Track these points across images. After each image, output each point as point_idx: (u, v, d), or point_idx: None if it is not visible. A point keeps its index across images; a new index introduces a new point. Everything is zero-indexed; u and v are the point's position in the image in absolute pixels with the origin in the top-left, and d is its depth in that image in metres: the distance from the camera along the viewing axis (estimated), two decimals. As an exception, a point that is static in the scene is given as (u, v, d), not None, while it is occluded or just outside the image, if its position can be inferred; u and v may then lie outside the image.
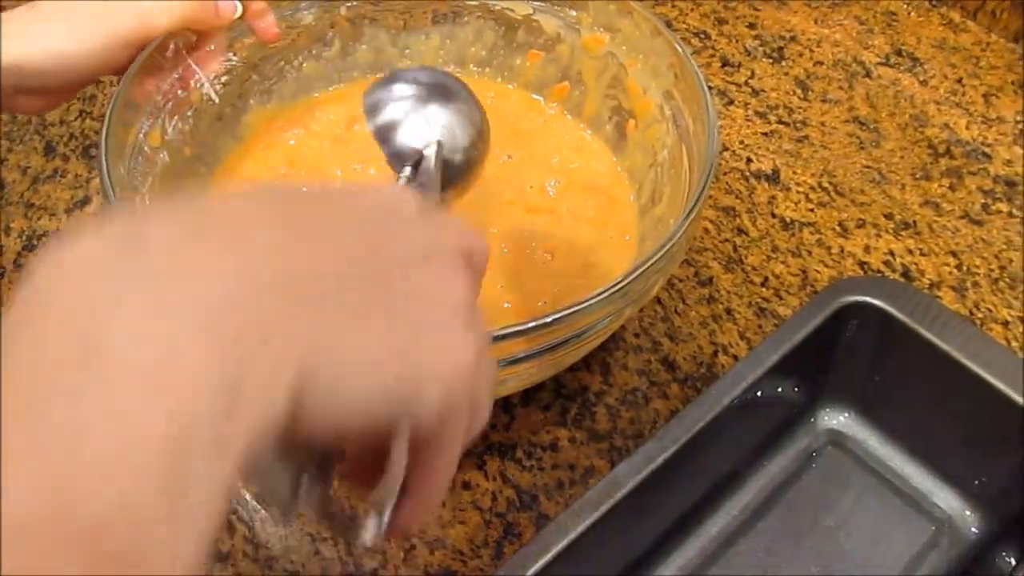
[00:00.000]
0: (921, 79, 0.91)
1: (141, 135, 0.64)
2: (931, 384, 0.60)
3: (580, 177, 0.71)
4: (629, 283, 0.51)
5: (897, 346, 0.61)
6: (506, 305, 0.63)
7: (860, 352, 0.62)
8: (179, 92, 0.67)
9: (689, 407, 0.55)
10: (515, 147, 0.72)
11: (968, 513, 0.61)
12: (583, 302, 0.50)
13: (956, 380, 0.58)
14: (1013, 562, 0.56)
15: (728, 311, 0.70)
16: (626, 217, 0.68)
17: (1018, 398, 0.57)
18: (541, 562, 0.49)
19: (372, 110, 0.49)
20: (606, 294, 0.50)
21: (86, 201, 0.80)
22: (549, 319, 0.49)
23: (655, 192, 0.66)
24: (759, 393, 0.58)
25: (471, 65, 0.77)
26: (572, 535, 0.49)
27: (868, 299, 0.60)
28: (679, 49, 0.64)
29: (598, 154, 0.72)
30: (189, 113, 0.68)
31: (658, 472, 0.53)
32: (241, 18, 0.68)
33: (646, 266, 0.51)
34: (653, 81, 0.67)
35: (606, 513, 0.50)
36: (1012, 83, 0.91)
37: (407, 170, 0.47)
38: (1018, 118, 0.88)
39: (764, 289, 0.71)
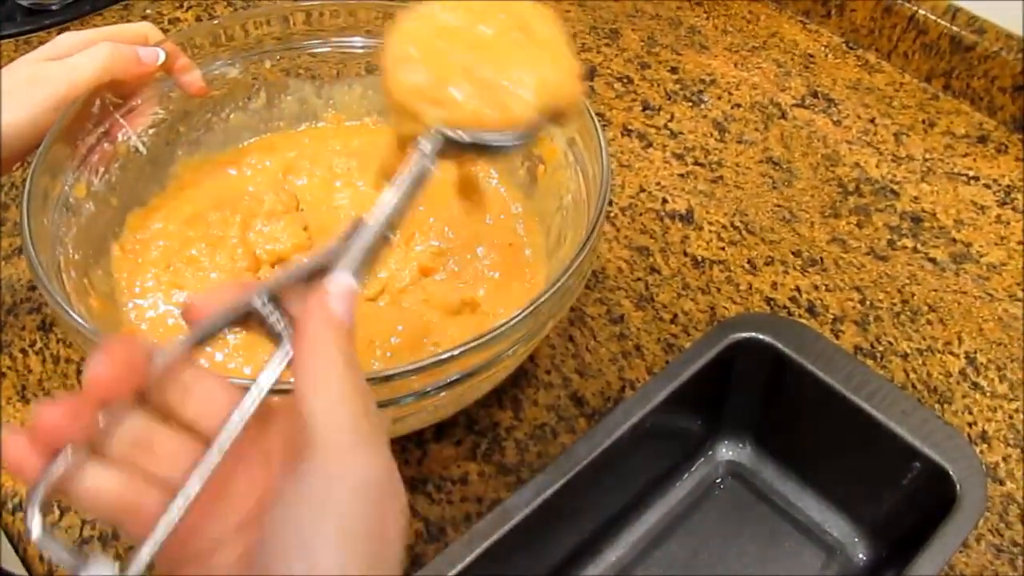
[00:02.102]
0: (835, 119, 0.95)
1: (66, 187, 0.67)
2: (819, 417, 0.63)
3: (493, 231, 0.74)
4: (517, 323, 0.53)
5: (787, 380, 0.64)
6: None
7: (753, 386, 0.65)
8: (105, 145, 0.70)
9: (579, 441, 0.57)
10: (435, 205, 0.75)
11: (857, 540, 0.64)
12: (473, 341, 0.52)
13: (842, 413, 0.62)
14: (892, 583, 0.59)
15: (637, 347, 0.73)
16: (536, 260, 0.72)
17: (898, 429, 0.60)
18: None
19: None
20: (496, 333, 0.53)
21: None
22: (442, 356, 0.52)
23: (560, 235, 0.69)
24: (653, 425, 0.61)
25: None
26: (461, 565, 0.52)
27: (757, 335, 0.63)
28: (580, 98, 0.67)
29: (509, 207, 0.75)
30: (116, 165, 0.71)
31: (549, 503, 0.55)
32: (168, 73, 0.72)
33: (531, 308, 0.54)
34: (558, 129, 0.71)
35: (496, 543, 0.53)
36: (922, 122, 0.95)
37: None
38: (927, 156, 0.92)
39: (673, 326, 0.74)
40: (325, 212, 0.75)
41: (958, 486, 0.56)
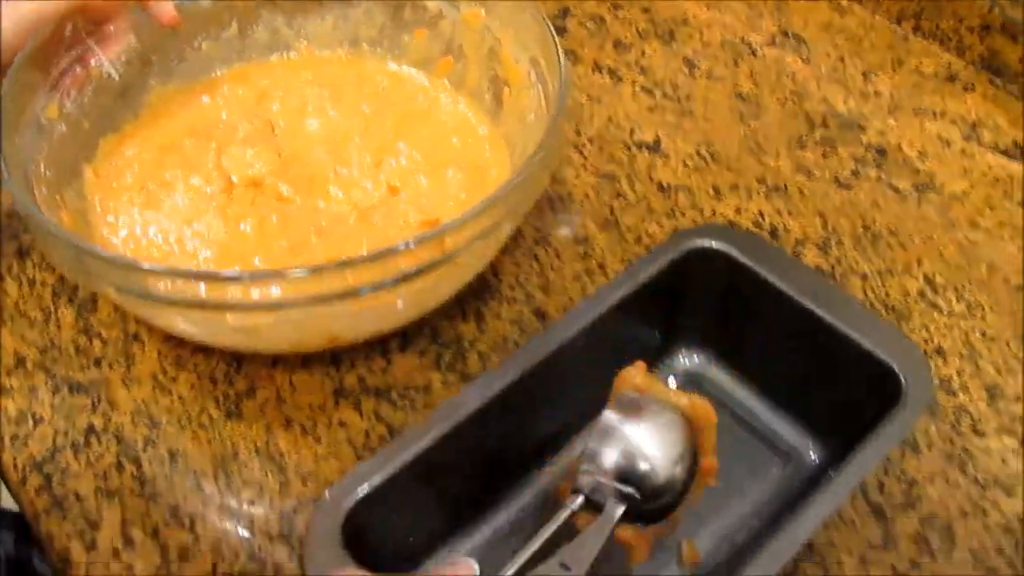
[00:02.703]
0: (804, 58, 0.96)
1: (39, 108, 0.68)
2: (774, 324, 0.65)
3: (460, 154, 0.76)
4: (469, 219, 0.55)
5: (743, 289, 0.65)
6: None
7: (710, 295, 0.67)
8: (77, 70, 0.71)
9: (532, 340, 0.59)
10: (405, 131, 0.77)
11: (809, 443, 0.66)
12: (427, 233, 0.54)
13: (794, 319, 0.63)
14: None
15: (601, 266, 0.74)
16: (502, 180, 0.73)
17: (847, 330, 0.61)
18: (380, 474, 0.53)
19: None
20: (449, 226, 0.55)
21: None
22: (397, 247, 0.54)
23: (525, 152, 0.71)
24: (608, 329, 0.62)
25: (364, 44, 0.82)
26: (416, 449, 0.54)
27: (711, 244, 0.65)
28: (542, 20, 0.69)
29: (476, 131, 0.77)
30: (89, 88, 0.72)
31: (502, 398, 0.57)
32: (140, 2, 0.73)
33: (485, 205, 0.55)
34: (523, 51, 0.72)
35: (450, 431, 0.55)
36: (892, 60, 0.97)
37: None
38: (894, 93, 0.93)
39: (637, 246, 0.76)
40: (298, 138, 0.77)
41: (903, 380, 0.58)
